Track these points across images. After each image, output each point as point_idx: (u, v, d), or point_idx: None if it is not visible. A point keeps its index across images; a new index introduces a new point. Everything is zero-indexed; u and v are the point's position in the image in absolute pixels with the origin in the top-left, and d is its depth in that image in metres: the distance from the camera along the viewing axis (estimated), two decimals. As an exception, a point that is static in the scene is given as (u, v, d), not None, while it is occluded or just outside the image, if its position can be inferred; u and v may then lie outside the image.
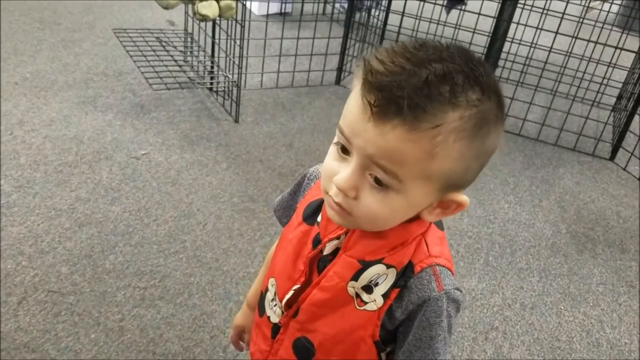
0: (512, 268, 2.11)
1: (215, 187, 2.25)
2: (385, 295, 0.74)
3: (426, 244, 0.74)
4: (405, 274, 0.73)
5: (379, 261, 0.73)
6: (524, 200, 2.54)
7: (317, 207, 0.82)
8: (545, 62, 2.99)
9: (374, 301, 0.74)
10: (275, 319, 0.86)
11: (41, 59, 2.99)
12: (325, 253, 0.78)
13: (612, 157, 2.99)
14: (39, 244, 1.84)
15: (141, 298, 1.71)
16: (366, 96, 0.61)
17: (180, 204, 2.13)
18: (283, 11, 4.17)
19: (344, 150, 0.67)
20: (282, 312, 0.84)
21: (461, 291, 0.77)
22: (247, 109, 2.88)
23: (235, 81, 2.70)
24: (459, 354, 1.72)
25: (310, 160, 2.52)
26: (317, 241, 0.79)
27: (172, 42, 3.14)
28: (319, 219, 0.80)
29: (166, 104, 2.79)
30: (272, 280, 0.88)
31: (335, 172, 0.67)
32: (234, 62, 2.69)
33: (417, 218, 0.71)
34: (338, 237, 0.77)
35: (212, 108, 2.84)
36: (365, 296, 0.75)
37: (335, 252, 0.77)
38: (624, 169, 2.92)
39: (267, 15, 3.90)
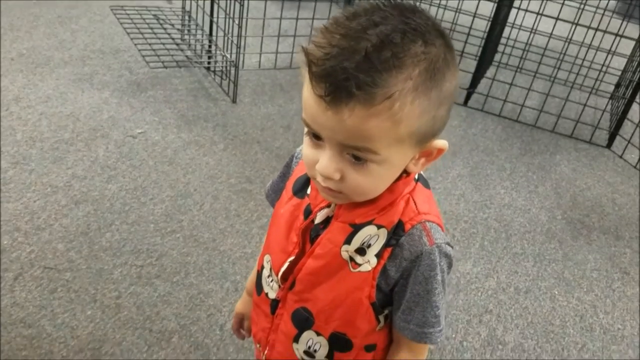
0: (507, 253, 2.13)
1: (213, 168, 2.24)
2: (378, 255, 0.75)
3: (414, 202, 0.76)
4: (397, 233, 0.75)
5: (369, 222, 0.75)
6: (520, 186, 2.54)
7: (305, 181, 0.84)
8: (545, 49, 2.98)
9: (368, 262, 0.76)
10: (272, 294, 0.87)
11: (37, 35, 2.96)
12: (317, 222, 0.80)
13: (609, 145, 2.99)
14: (35, 220, 1.83)
15: (138, 276, 1.71)
16: (315, 89, 0.62)
17: (177, 184, 2.12)
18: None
19: (317, 137, 0.68)
20: (279, 286, 0.85)
21: (452, 247, 0.79)
22: (245, 89, 2.86)
23: (233, 61, 2.68)
24: (453, 336, 1.74)
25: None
26: (308, 212, 0.81)
27: (169, 20, 3.11)
28: (308, 191, 0.82)
29: (163, 82, 2.77)
30: (267, 257, 0.89)
31: (315, 160, 0.69)
32: (232, 41, 2.67)
33: (402, 177, 0.73)
34: (329, 205, 0.78)
35: (210, 88, 2.82)
36: (359, 258, 0.76)
37: (326, 222, 0.79)
38: (621, 157, 2.93)
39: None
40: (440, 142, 0.71)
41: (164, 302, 1.64)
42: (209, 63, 2.94)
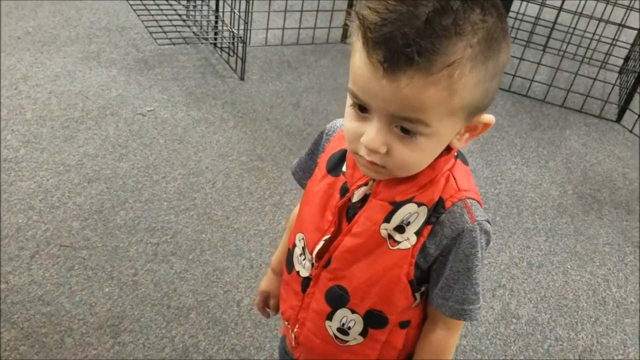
0: (519, 228, 2.13)
1: (223, 146, 2.24)
2: (418, 233, 0.75)
3: (454, 179, 0.75)
4: (437, 210, 0.74)
5: (409, 200, 0.74)
6: (530, 162, 2.54)
7: (340, 158, 0.82)
8: (554, 22, 2.95)
9: (407, 239, 0.75)
10: (305, 272, 0.86)
11: (42, 13, 2.93)
12: (354, 200, 0.78)
13: (619, 119, 2.98)
14: (49, 199, 1.83)
15: (154, 253, 1.72)
16: (372, 55, 0.60)
17: (189, 162, 2.12)
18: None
19: (362, 109, 0.66)
20: (312, 265, 0.84)
21: (491, 223, 0.78)
22: (253, 66, 2.84)
23: (241, 37, 2.66)
24: (468, 310, 1.75)
25: (318, 119, 2.50)
26: (344, 190, 0.80)
27: (176, -4, 3.07)
28: (343, 168, 0.81)
29: (170, 59, 2.74)
30: (299, 235, 0.88)
31: (359, 133, 0.67)
32: (239, 17, 2.64)
33: (443, 153, 0.72)
34: (366, 184, 0.77)
35: (217, 65, 2.80)
36: (398, 236, 0.75)
37: (364, 200, 0.78)
38: (631, 131, 2.91)
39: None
40: (487, 117, 0.70)
41: (181, 279, 1.65)
42: (215, 39, 2.92)
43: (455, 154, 0.78)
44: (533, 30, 3.52)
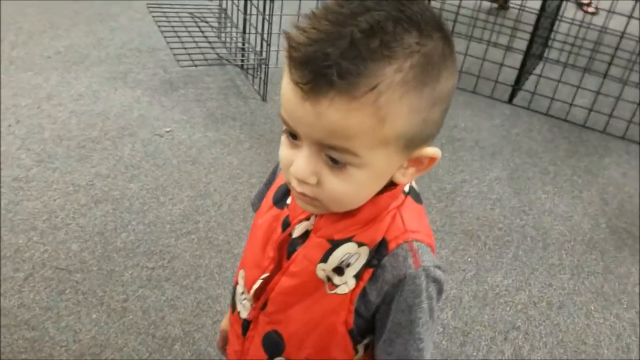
0: (542, 264, 1.98)
1: (235, 167, 2.20)
2: (357, 276, 0.68)
3: (401, 218, 0.69)
4: (379, 252, 0.68)
5: (349, 239, 0.68)
6: (563, 191, 2.37)
7: (286, 190, 0.78)
8: (596, 42, 2.78)
9: (345, 283, 0.69)
10: (244, 314, 0.81)
11: (76, 33, 3.00)
12: (294, 236, 0.73)
13: (667, 147, 2.76)
14: (52, 219, 1.84)
15: (148, 278, 1.68)
16: (293, 75, 0.57)
17: (198, 184, 2.09)
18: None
19: (293, 136, 0.62)
20: (252, 305, 0.78)
21: (443, 270, 0.70)
22: (277, 87, 2.80)
23: (263, 58, 2.63)
24: (474, 353, 1.62)
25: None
26: (286, 224, 0.75)
27: (206, 18, 3.09)
28: (288, 201, 0.76)
29: (196, 81, 2.75)
30: (241, 272, 0.84)
31: (291, 162, 0.63)
32: (263, 38, 2.62)
33: (388, 188, 0.66)
34: (308, 218, 0.72)
35: (242, 86, 2.79)
36: (336, 279, 0.69)
37: (305, 236, 0.72)
38: (679, 161, 2.69)
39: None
40: (431, 150, 0.64)
41: (171, 307, 1.61)
42: (242, 61, 2.91)
43: (407, 190, 0.72)
44: (575, 51, 3.34)
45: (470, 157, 2.50)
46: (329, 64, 0.54)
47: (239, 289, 0.83)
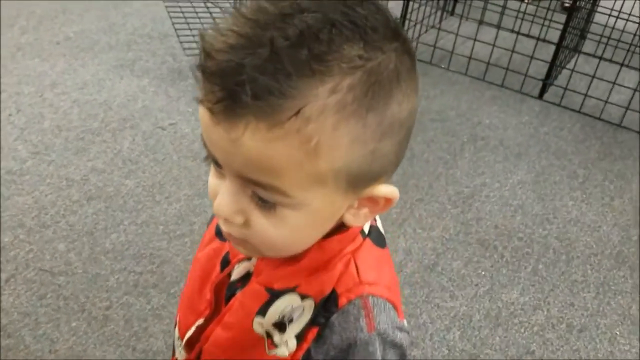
0: (564, 280, 1.82)
1: (239, 164, 2.09)
2: (299, 337, 0.56)
3: (356, 266, 0.56)
4: (327, 308, 0.55)
5: (291, 290, 0.56)
6: (592, 198, 2.19)
7: None
8: (635, 35, 2.56)
9: (286, 344, 0.56)
10: None
11: (89, 18, 2.92)
12: (233, 278, 0.62)
13: None
14: (42, 216, 1.76)
15: (134, 284, 1.59)
16: (202, 91, 0.45)
17: (197, 182, 1.98)
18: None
19: (217, 163, 0.51)
20: (186, 355, 0.67)
21: (407, 332, 0.58)
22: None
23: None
24: (481, 380, 1.49)
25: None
26: (225, 262, 0.63)
27: (220, 4, 2.97)
28: None
29: (206, 69, 2.63)
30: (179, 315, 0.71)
31: (216, 193, 0.52)
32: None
33: (339, 230, 0.55)
34: (250, 257, 0.60)
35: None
36: (277, 336, 0.57)
37: (247, 277, 0.61)
38: None
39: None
40: (386, 190, 0.51)
41: (155, 317, 1.51)
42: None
43: (367, 230, 0.59)
44: (610, 43, 3.11)
45: (493, 157, 2.33)
46: (242, 79, 0.42)
47: (175, 333, 0.72)
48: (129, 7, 3.10)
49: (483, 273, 1.79)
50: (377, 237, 0.59)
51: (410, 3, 2.95)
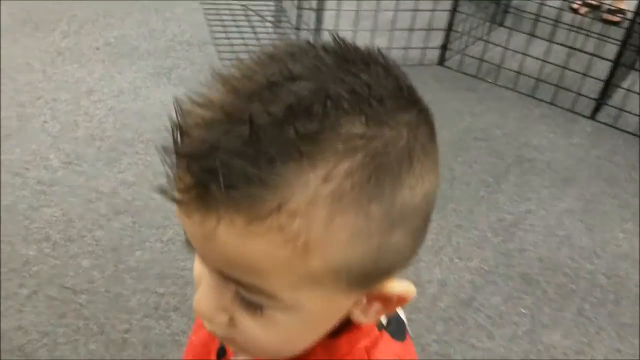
0: (612, 322, 1.68)
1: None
2: None
3: None
4: None
5: None
6: (646, 231, 2.04)
7: None
8: None
9: None
10: None
11: (129, 23, 2.91)
12: None
13: None
14: (68, 230, 1.73)
15: (155, 306, 1.54)
16: (175, 172, 0.38)
17: (227, 198, 1.93)
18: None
19: None
20: None
21: None
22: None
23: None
24: None
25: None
26: (221, 352, 0.56)
27: (260, 12, 2.92)
28: None
29: (243, 79, 2.59)
30: None
31: (200, 281, 0.45)
32: (314, 35, 2.42)
33: (348, 326, 0.47)
34: None
35: (291, 87, 2.60)
36: None
37: None
38: None
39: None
40: (399, 287, 0.43)
41: (174, 342, 1.46)
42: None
43: (384, 322, 0.50)
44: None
45: (540, 182, 2.19)
46: (213, 165, 0.35)
47: None
48: (170, 12, 3.08)
49: (524, 311, 1.68)
50: (396, 329, 0.51)
51: (457, 13, 2.83)
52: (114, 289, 1.57)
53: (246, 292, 0.40)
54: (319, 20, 2.39)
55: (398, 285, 0.43)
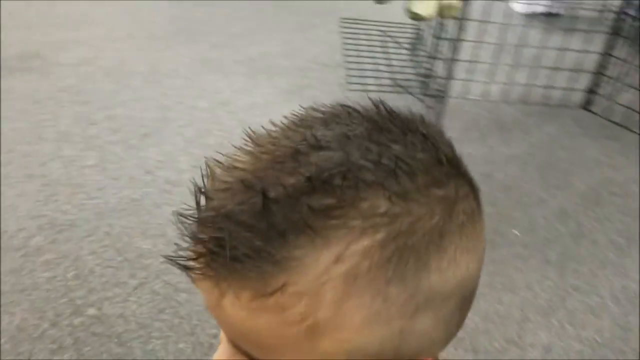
0: None
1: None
2: None
3: None
4: None
5: None
6: None
7: None
8: None
9: None
10: None
11: (273, 41, 3.06)
12: None
13: None
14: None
15: (246, 318, 1.58)
16: (190, 237, 0.37)
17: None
18: (549, 13, 3.60)
19: None
20: None
21: None
22: (455, 121, 2.52)
23: (441, 88, 2.37)
24: None
25: (504, 199, 2.08)
26: None
27: (398, 39, 2.92)
28: None
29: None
30: None
31: None
32: (449, 65, 2.36)
33: None
34: None
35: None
36: None
37: None
38: None
39: (530, 16, 3.39)
40: None
41: (257, 358, 1.48)
42: (424, 87, 2.67)
43: None
44: None
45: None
46: (221, 235, 0.34)
47: None
48: (312, 33, 3.19)
49: (637, 396, 1.49)
50: None
51: (609, 57, 2.62)
52: (211, 294, 1.64)
53: None
54: (455, 50, 2.33)
55: None
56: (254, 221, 0.33)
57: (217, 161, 0.38)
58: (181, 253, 0.37)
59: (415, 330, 0.36)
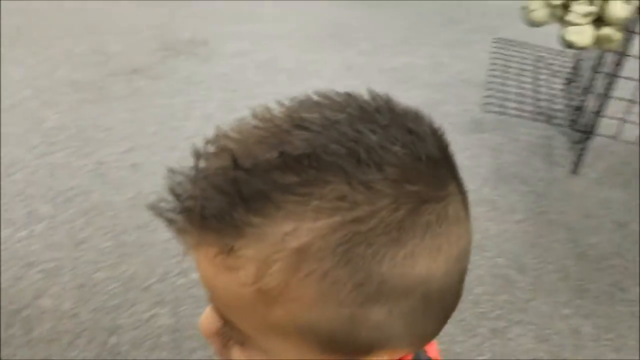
0: None
1: (489, 237, 1.92)
2: None
3: None
4: None
5: None
6: None
7: None
8: None
9: None
10: None
11: (420, 53, 3.06)
12: None
13: None
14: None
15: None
16: (171, 192, 0.40)
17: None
18: None
19: None
20: None
21: None
22: (600, 161, 2.34)
23: (587, 125, 2.21)
24: None
25: (634, 253, 1.90)
26: None
27: (553, 65, 2.77)
28: None
29: (507, 128, 2.50)
30: None
31: None
32: (601, 100, 2.20)
33: None
34: None
35: (556, 149, 2.41)
36: None
37: None
38: None
39: None
40: None
41: None
42: (572, 121, 2.51)
43: None
44: None
45: None
46: (195, 193, 0.38)
47: None
48: (463, 50, 3.14)
49: None
50: None
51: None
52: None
53: (226, 327, 0.42)
54: (609, 85, 2.16)
55: None
56: (225, 186, 0.36)
57: (221, 129, 0.41)
58: (164, 205, 0.41)
59: (367, 319, 0.38)
